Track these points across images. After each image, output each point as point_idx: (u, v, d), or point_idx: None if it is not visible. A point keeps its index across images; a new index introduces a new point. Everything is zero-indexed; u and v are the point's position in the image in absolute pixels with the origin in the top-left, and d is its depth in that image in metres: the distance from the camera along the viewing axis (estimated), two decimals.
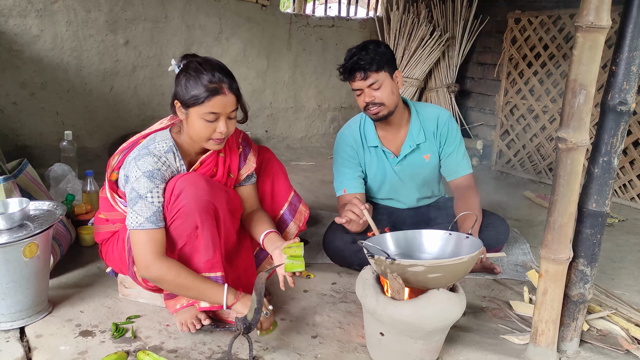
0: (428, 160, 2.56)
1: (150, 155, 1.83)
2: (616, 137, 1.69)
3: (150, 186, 1.80)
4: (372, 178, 2.61)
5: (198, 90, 1.77)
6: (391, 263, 1.63)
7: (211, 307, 1.85)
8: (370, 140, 2.54)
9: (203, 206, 1.81)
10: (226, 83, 1.80)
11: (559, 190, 1.69)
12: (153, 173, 1.81)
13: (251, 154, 2.13)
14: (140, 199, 1.78)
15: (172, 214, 1.82)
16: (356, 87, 2.37)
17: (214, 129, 1.83)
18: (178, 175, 1.86)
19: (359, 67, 2.31)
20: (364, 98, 2.38)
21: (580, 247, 1.79)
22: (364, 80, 2.32)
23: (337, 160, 2.59)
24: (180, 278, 1.77)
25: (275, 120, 5.09)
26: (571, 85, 1.62)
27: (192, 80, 1.79)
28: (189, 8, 4.29)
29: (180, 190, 1.81)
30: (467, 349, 1.89)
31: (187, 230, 1.81)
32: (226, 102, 1.80)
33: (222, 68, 1.84)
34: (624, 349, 1.92)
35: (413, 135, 2.51)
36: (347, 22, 5.26)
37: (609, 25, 1.56)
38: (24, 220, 1.89)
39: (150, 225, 1.78)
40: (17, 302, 1.84)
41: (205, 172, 1.97)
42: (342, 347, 1.86)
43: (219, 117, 1.81)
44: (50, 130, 3.85)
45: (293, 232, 2.26)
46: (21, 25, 3.59)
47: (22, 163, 2.59)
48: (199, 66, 1.81)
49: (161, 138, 1.90)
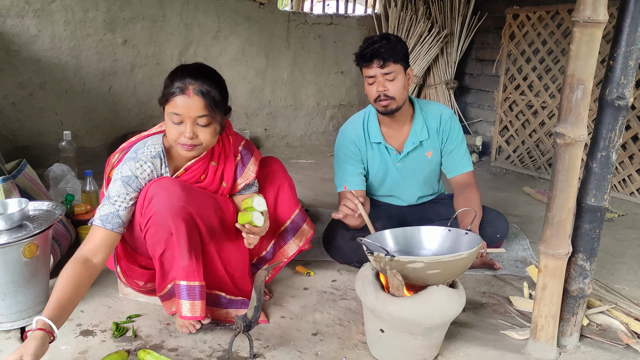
0: (430, 158, 2.56)
1: (135, 160, 1.82)
2: (614, 131, 1.69)
3: (120, 191, 1.77)
4: (374, 174, 2.61)
5: (167, 90, 1.77)
6: (390, 260, 1.63)
7: (192, 317, 1.81)
8: (374, 136, 2.53)
9: (176, 212, 1.76)
10: (194, 85, 1.74)
11: (558, 185, 1.69)
12: (130, 179, 1.79)
13: (251, 162, 2.05)
14: (106, 199, 1.78)
15: (146, 220, 1.78)
16: (371, 73, 2.34)
17: (180, 132, 1.78)
18: (152, 181, 1.82)
19: (378, 55, 2.29)
20: (376, 87, 2.35)
21: (579, 242, 1.79)
22: (381, 67, 2.31)
23: (338, 156, 2.58)
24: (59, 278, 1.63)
25: (274, 118, 5.09)
26: (569, 81, 1.62)
27: (168, 79, 1.79)
28: (187, 7, 4.28)
29: (152, 195, 1.77)
30: (467, 344, 1.89)
31: (163, 237, 1.77)
32: (189, 104, 1.74)
33: (199, 72, 1.79)
34: (624, 343, 1.93)
35: (416, 132, 2.51)
36: (345, 19, 5.25)
37: (606, 20, 1.56)
38: (23, 221, 1.89)
39: (98, 222, 1.73)
40: (17, 302, 1.84)
41: (189, 178, 1.93)
42: (342, 344, 1.86)
43: (184, 120, 1.76)
44: (49, 131, 3.85)
45: (293, 249, 2.20)
46: (19, 25, 3.59)
47: (21, 163, 2.59)
48: (178, 67, 1.81)
49: (152, 142, 1.88)
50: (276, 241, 2.21)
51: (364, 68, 2.37)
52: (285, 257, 2.20)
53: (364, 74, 2.39)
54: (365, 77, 2.39)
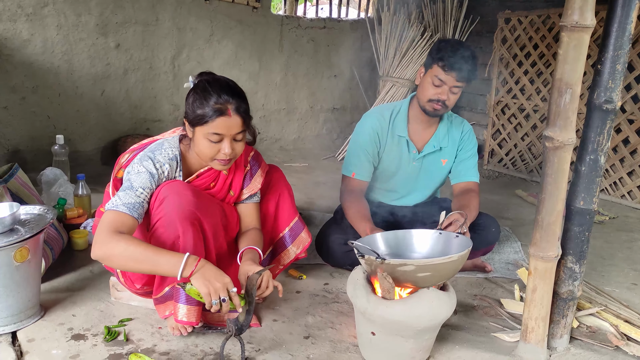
0: (444, 166, 2.57)
1: (154, 160, 1.85)
2: (602, 135, 1.71)
3: (145, 184, 1.80)
4: (385, 167, 2.56)
5: (203, 110, 1.77)
6: (381, 263, 1.64)
7: (187, 322, 1.82)
8: (399, 129, 2.50)
9: (185, 216, 1.78)
10: (232, 104, 1.78)
11: (547, 188, 1.71)
12: (154, 176, 1.82)
13: (258, 174, 2.10)
14: (129, 189, 1.78)
15: (155, 220, 1.81)
16: (443, 79, 2.28)
17: (218, 149, 1.81)
18: (165, 183, 1.85)
19: (462, 68, 2.25)
20: (439, 92, 2.31)
21: (569, 244, 1.81)
22: (456, 80, 2.27)
23: (357, 141, 2.52)
24: (130, 249, 1.63)
25: (267, 122, 5.10)
26: (557, 85, 1.64)
27: (198, 99, 1.79)
28: (179, 11, 4.28)
29: (163, 197, 1.80)
30: (458, 347, 1.90)
31: (170, 239, 1.79)
32: (231, 124, 1.78)
33: (231, 88, 1.82)
34: (614, 345, 1.94)
35: (439, 136, 2.52)
36: (338, 23, 5.27)
37: (594, 25, 1.58)
38: (14, 225, 1.89)
39: (124, 209, 1.73)
40: (8, 307, 1.84)
41: (200, 184, 1.97)
42: (334, 347, 1.87)
43: (223, 138, 1.80)
44: (42, 135, 3.83)
45: (290, 256, 2.22)
46: (11, 29, 3.58)
47: (13, 167, 2.58)
48: (207, 85, 1.80)
49: (169, 145, 1.91)
50: (274, 248, 2.23)
51: (439, 69, 2.28)
52: (282, 263, 2.22)
53: (434, 72, 2.30)
54: (434, 75, 2.30)
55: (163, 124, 4.36)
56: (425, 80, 2.36)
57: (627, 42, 1.63)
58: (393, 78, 4.88)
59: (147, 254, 1.65)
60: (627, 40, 1.63)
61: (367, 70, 5.49)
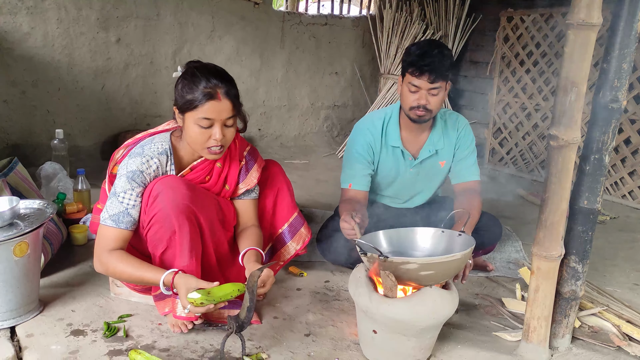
0: (443, 167, 2.54)
1: (141, 155, 1.83)
2: (607, 134, 1.70)
3: (126, 187, 1.79)
4: (383, 176, 2.54)
5: (192, 95, 1.76)
6: (384, 261, 1.63)
7: (187, 318, 1.82)
8: (392, 139, 2.46)
9: (180, 210, 1.77)
10: (222, 88, 1.77)
11: (551, 187, 1.70)
12: (134, 174, 1.80)
13: (254, 169, 2.08)
14: (113, 196, 1.80)
15: (149, 217, 1.80)
16: (417, 84, 2.24)
17: (209, 135, 1.80)
18: (157, 179, 1.83)
19: (432, 70, 2.20)
20: (417, 98, 2.27)
21: (572, 244, 1.80)
22: (430, 82, 2.22)
23: (351, 152, 2.49)
24: (118, 270, 1.78)
25: (268, 118, 5.08)
26: (562, 83, 1.62)
27: (187, 85, 1.78)
28: (181, 6, 4.27)
29: (157, 193, 1.78)
30: (459, 346, 1.89)
31: (166, 235, 1.78)
32: (220, 108, 1.77)
33: (219, 73, 1.81)
34: (616, 345, 1.93)
35: (433, 140, 2.47)
36: (340, 20, 5.25)
37: (600, 23, 1.57)
38: (14, 219, 1.87)
39: (111, 223, 1.79)
40: (7, 302, 1.83)
41: (194, 178, 1.95)
42: (335, 345, 1.86)
43: (214, 123, 1.79)
44: (41, 129, 3.82)
45: (290, 252, 2.21)
46: (11, 22, 3.57)
47: (13, 161, 2.57)
48: (195, 71, 1.79)
49: (159, 139, 1.89)
50: (274, 244, 2.21)
51: (410, 75, 2.26)
52: (282, 260, 2.20)
53: (407, 79, 2.28)
54: (408, 82, 2.28)
55: (164, 120, 4.29)
56: (403, 89, 2.34)
57: (634, 40, 1.62)
58: (394, 76, 4.87)
59: (130, 273, 1.78)
60: (634, 38, 1.62)
61: (368, 68, 5.48)
